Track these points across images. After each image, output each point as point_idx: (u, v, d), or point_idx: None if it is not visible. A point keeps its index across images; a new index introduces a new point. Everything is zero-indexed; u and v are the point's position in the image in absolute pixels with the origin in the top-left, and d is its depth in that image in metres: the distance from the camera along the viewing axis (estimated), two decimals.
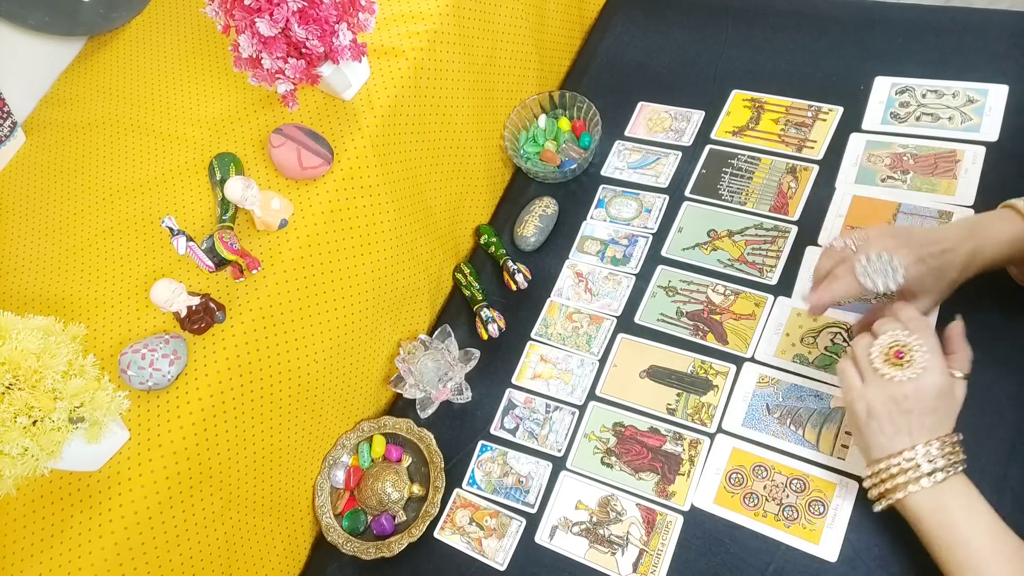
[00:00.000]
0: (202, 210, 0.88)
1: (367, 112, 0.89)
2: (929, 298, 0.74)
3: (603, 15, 1.26)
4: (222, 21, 0.78)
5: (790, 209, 0.96)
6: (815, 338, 0.86)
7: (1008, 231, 0.73)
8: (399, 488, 0.91)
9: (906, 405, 0.66)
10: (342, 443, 0.94)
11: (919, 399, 0.66)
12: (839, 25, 1.08)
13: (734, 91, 1.08)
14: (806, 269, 0.91)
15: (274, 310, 0.81)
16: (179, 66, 1.03)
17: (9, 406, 0.59)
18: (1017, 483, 0.72)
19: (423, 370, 0.96)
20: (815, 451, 0.80)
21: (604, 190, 1.07)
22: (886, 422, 0.67)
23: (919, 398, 0.66)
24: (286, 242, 0.83)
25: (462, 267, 1.06)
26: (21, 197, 0.98)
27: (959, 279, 0.74)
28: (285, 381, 0.83)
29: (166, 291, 0.74)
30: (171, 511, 0.73)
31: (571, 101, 1.12)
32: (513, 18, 1.07)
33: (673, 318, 0.93)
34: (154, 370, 0.73)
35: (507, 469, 0.90)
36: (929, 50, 1.01)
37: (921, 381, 0.66)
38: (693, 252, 0.97)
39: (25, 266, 0.91)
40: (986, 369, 0.78)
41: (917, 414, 0.66)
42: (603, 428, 0.89)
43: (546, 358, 0.96)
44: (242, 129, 0.92)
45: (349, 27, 0.79)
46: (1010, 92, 0.94)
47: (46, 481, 0.73)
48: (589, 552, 0.82)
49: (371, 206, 0.89)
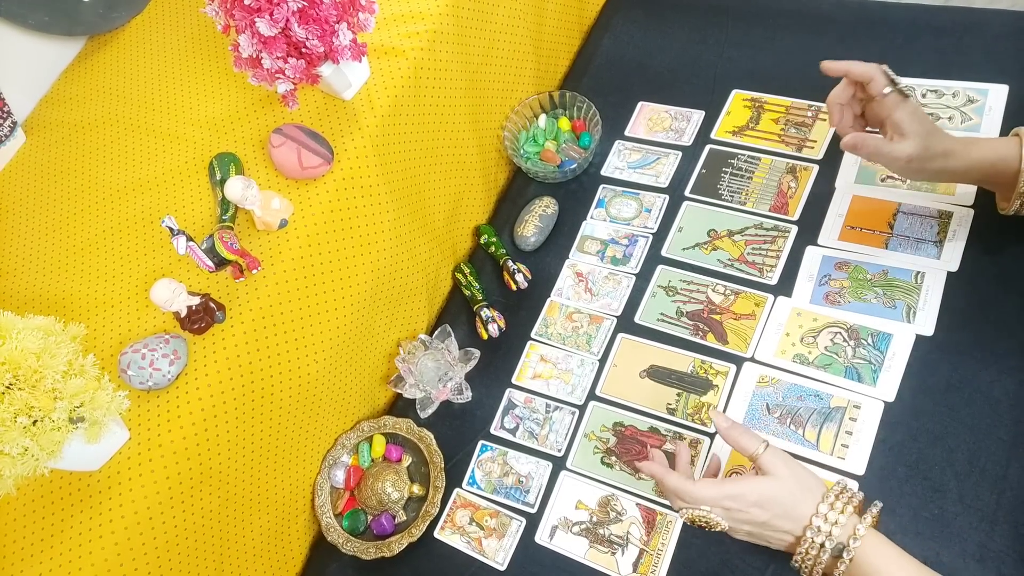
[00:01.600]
0: (202, 210, 0.88)
1: (367, 112, 0.89)
2: (915, 142, 0.76)
3: (603, 15, 1.26)
4: (222, 21, 0.78)
5: (790, 209, 0.96)
6: (815, 338, 0.86)
7: (1002, 147, 0.76)
8: (399, 488, 0.91)
9: (759, 529, 0.69)
10: (342, 443, 0.94)
11: (759, 522, 0.69)
12: (839, 25, 1.08)
13: (734, 91, 1.08)
14: (806, 269, 0.91)
15: (274, 310, 0.81)
16: (179, 66, 1.02)
17: (9, 406, 0.59)
18: (1017, 483, 0.72)
19: (423, 370, 0.96)
20: (815, 451, 0.80)
21: (604, 190, 1.07)
22: (766, 531, 0.70)
23: (759, 522, 0.69)
24: (286, 242, 0.83)
25: (462, 267, 1.06)
26: (21, 197, 0.98)
27: (947, 165, 0.77)
28: (285, 381, 0.83)
29: (166, 291, 0.74)
30: (171, 511, 0.73)
31: (571, 101, 1.12)
32: (512, 18, 1.07)
33: (673, 318, 0.93)
34: (154, 370, 0.73)
35: (507, 469, 0.90)
36: (929, 50, 1.01)
37: (742, 518, 0.69)
38: (693, 252, 0.97)
39: (25, 266, 0.91)
40: (986, 369, 0.78)
41: (771, 528, 0.69)
42: (603, 428, 0.89)
43: (546, 358, 0.96)
44: (242, 129, 0.92)
45: (349, 27, 0.79)
46: (1010, 92, 0.94)
47: (46, 481, 0.73)
48: (589, 552, 0.82)
49: (371, 206, 0.89)
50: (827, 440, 0.80)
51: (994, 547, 0.70)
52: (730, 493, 0.69)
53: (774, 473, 0.69)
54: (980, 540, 0.71)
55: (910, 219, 0.89)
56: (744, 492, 0.69)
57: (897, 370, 0.81)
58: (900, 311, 0.85)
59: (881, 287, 0.87)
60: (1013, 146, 0.75)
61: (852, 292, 0.88)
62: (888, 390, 0.81)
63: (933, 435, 0.77)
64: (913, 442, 0.77)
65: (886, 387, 0.81)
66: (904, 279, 0.86)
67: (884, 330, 0.84)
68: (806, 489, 0.68)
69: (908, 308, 0.84)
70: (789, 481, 0.69)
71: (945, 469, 0.75)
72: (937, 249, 0.87)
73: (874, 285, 0.87)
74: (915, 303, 0.84)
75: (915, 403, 0.79)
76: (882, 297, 0.86)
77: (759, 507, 0.68)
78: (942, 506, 0.73)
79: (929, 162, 0.76)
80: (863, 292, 0.87)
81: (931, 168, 0.77)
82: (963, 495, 0.73)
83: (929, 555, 0.71)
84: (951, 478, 0.74)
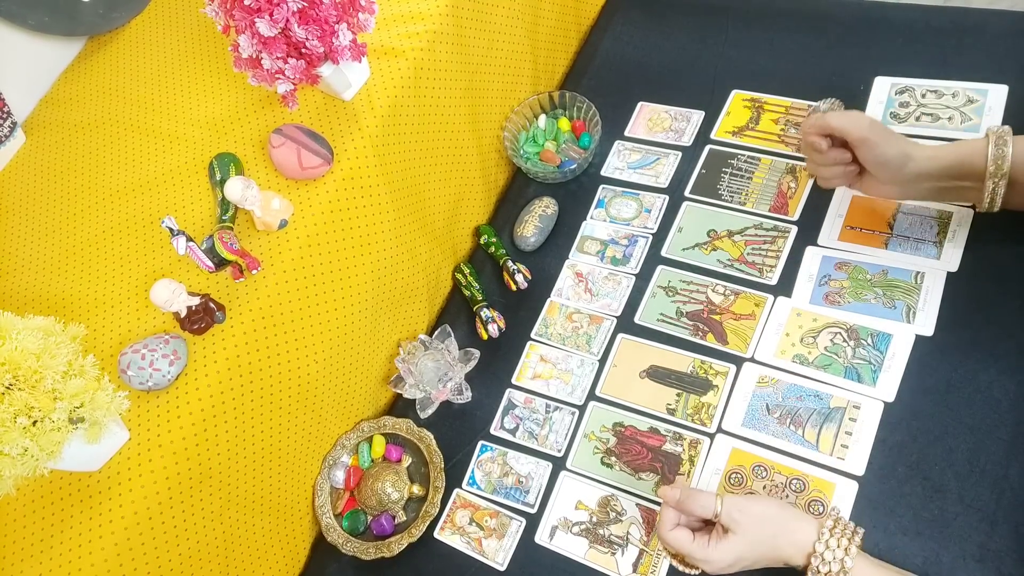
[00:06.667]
0: (202, 210, 0.88)
1: (367, 112, 0.89)
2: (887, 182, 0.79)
3: (602, 15, 1.26)
4: (222, 21, 0.78)
5: (790, 209, 0.96)
6: (815, 338, 0.86)
7: (966, 145, 0.77)
8: (399, 488, 0.91)
9: (751, 555, 0.70)
10: (342, 443, 0.94)
11: (751, 552, 0.70)
12: (839, 25, 1.08)
13: (734, 91, 1.08)
14: (806, 269, 0.91)
15: (274, 310, 0.81)
16: (179, 66, 1.02)
17: (9, 406, 0.59)
18: (1017, 483, 0.72)
19: (423, 370, 0.96)
20: (815, 451, 0.80)
21: (604, 190, 1.07)
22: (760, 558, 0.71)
23: (750, 551, 0.70)
24: (286, 242, 0.83)
25: (462, 267, 1.06)
26: (21, 197, 0.98)
27: (914, 169, 0.78)
28: (285, 381, 0.83)
29: (166, 291, 0.74)
30: (171, 511, 0.73)
31: (571, 101, 1.12)
32: (512, 18, 1.07)
33: (673, 318, 0.93)
34: (154, 370, 0.73)
35: (507, 469, 0.90)
36: (929, 50, 1.01)
37: (724, 554, 0.70)
38: (693, 252, 0.97)
39: (25, 266, 0.91)
40: (986, 369, 0.79)
41: (766, 556, 0.70)
42: (603, 428, 0.89)
43: (546, 358, 0.96)
44: (242, 129, 0.92)
45: (349, 27, 0.79)
46: (1010, 92, 0.94)
47: (46, 481, 0.73)
48: (589, 552, 0.82)
49: (371, 206, 0.89)
50: (827, 440, 0.80)
51: (994, 547, 0.70)
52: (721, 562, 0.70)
53: (735, 531, 0.70)
54: (980, 540, 0.71)
55: (910, 219, 0.89)
56: (723, 557, 0.70)
57: (897, 370, 0.81)
58: (900, 311, 0.85)
59: (881, 287, 0.87)
60: (979, 143, 0.76)
61: (852, 292, 0.88)
62: (888, 390, 0.81)
63: (933, 435, 0.77)
64: (913, 442, 0.77)
65: (886, 387, 0.81)
66: (904, 279, 0.86)
67: (884, 330, 0.84)
68: (774, 525, 0.70)
69: (908, 308, 0.84)
70: (752, 529, 0.69)
71: (945, 469, 0.75)
72: (937, 249, 0.87)
73: (874, 285, 0.87)
74: (915, 303, 0.84)
75: (915, 403, 0.79)
76: (882, 297, 0.86)
77: (742, 561, 0.70)
78: (942, 506, 0.73)
79: (895, 162, 0.78)
80: (863, 292, 0.87)
81: (904, 173, 0.78)
82: (963, 495, 0.73)
83: (929, 555, 0.71)
84: (951, 478, 0.74)
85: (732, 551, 0.69)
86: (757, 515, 0.70)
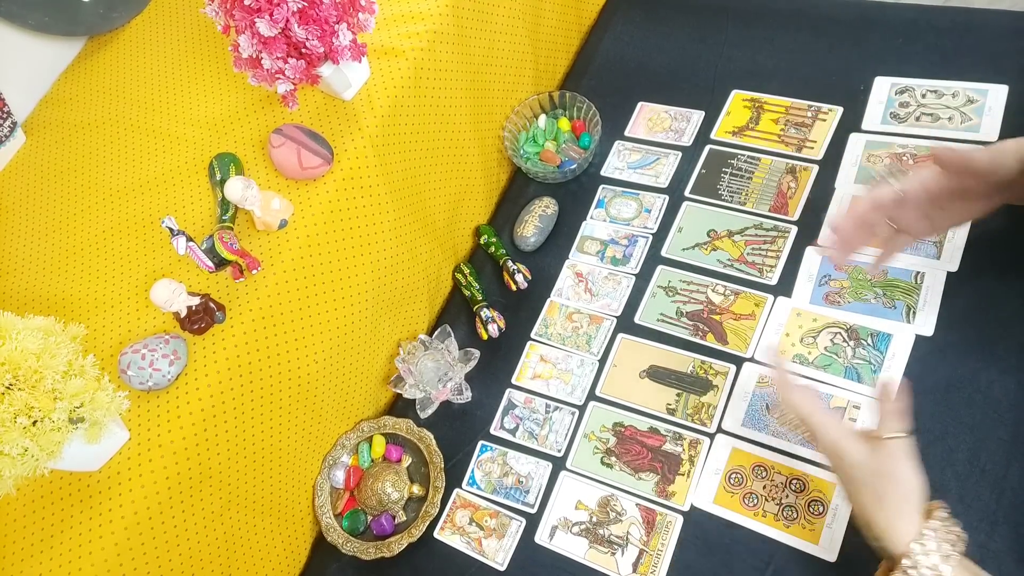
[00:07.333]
0: (202, 210, 0.88)
1: (367, 112, 0.89)
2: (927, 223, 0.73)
3: (602, 15, 1.26)
4: (222, 21, 0.78)
5: (790, 209, 0.96)
6: (815, 338, 0.86)
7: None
8: (399, 488, 0.91)
9: (855, 485, 0.66)
10: (342, 443, 0.94)
11: (856, 484, 0.66)
12: (839, 25, 1.08)
13: (734, 91, 1.08)
14: (806, 269, 0.91)
15: (274, 310, 0.81)
16: (179, 66, 1.02)
17: (9, 406, 0.59)
18: (1017, 483, 0.72)
19: (423, 370, 0.96)
20: (815, 451, 0.80)
21: (604, 190, 1.07)
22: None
23: (859, 481, 0.66)
24: (286, 242, 0.83)
25: (462, 267, 1.06)
26: (21, 197, 0.98)
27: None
28: (285, 381, 0.83)
29: (166, 291, 0.74)
30: (171, 511, 0.73)
31: (571, 101, 1.12)
32: (512, 18, 1.07)
33: (673, 318, 0.93)
34: (154, 370, 0.73)
35: (507, 469, 0.90)
36: (929, 50, 1.01)
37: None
38: (693, 252, 0.97)
39: (25, 266, 0.91)
40: (986, 369, 0.78)
41: (864, 510, 0.66)
42: (603, 428, 0.89)
43: (546, 358, 0.96)
44: (242, 129, 0.92)
45: (349, 27, 0.79)
46: (1010, 92, 0.94)
47: (46, 481, 0.72)
48: (589, 552, 0.82)
49: (371, 206, 0.89)
50: None
51: (994, 547, 0.70)
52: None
53: (873, 451, 0.66)
54: (980, 540, 0.71)
55: None
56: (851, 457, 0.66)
57: (897, 370, 0.81)
58: (900, 311, 0.85)
59: (881, 287, 0.87)
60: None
61: (852, 292, 0.88)
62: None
63: (933, 435, 0.77)
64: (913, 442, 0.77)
65: None
66: (904, 279, 0.86)
67: (884, 330, 0.84)
68: (889, 489, 0.65)
69: (908, 308, 0.84)
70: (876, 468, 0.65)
71: (945, 469, 0.75)
72: (937, 249, 0.87)
73: (874, 285, 0.87)
74: (915, 303, 0.84)
75: (915, 403, 0.79)
76: (882, 297, 0.86)
77: (852, 475, 0.66)
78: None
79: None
80: (863, 292, 0.87)
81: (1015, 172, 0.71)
82: (963, 495, 0.73)
83: None
84: (951, 478, 0.74)
85: (856, 454, 0.66)
86: (888, 469, 0.65)
